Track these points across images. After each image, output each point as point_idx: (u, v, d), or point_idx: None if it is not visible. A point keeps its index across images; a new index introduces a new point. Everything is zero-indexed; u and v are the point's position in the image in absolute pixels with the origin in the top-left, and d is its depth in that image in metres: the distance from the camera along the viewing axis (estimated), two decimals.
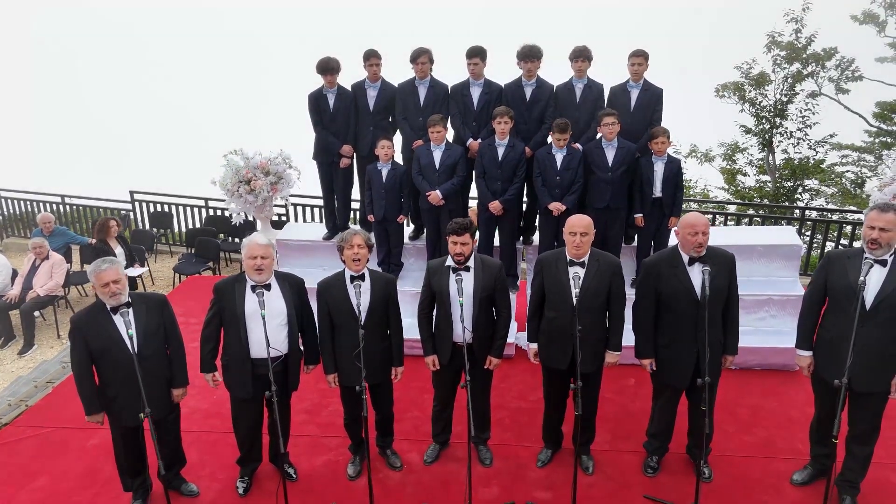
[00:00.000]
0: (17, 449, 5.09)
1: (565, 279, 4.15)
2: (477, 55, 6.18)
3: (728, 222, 9.72)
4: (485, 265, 4.33)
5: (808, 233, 9.94)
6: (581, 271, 4.15)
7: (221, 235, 10.07)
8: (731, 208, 12.58)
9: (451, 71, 6.51)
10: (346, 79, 6.53)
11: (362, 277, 4.20)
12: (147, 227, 11.39)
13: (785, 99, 14.86)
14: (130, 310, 3.73)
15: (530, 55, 6.04)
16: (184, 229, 11.22)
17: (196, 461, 4.79)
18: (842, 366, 3.59)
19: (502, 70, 6.41)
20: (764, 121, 15.02)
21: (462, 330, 4.09)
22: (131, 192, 11.57)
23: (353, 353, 4.01)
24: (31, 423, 5.43)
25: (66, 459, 4.93)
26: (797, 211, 11.40)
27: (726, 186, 15.87)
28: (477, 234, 6.47)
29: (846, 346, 3.61)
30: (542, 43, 6.16)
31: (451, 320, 4.30)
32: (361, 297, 4.09)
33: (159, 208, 11.42)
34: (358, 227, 4.23)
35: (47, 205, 12.04)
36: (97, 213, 11.92)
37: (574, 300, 4.02)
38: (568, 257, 4.20)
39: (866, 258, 3.70)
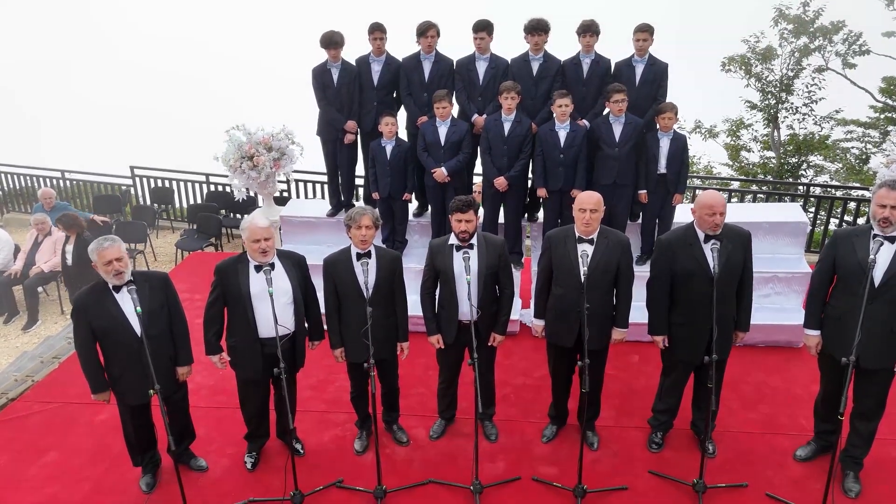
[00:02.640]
0: (26, 424, 5.13)
1: (574, 256, 4.13)
2: (483, 29, 6.09)
3: (732, 199, 9.68)
4: (488, 243, 4.31)
5: (812, 209, 9.91)
6: (590, 248, 4.13)
7: (223, 211, 10.05)
8: (735, 185, 12.53)
9: (457, 46, 6.42)
10: (351, 53, 6.45)
11: (369, 255, 4.20)
12: (148, 202, 11.36)
13: (791, 74, 14.71)
14: (135, 287, 3.71)
15: (537, 28, 5.96)
16: (185, 205, 11.19)
17: (204, 437, 4.82)
18: (849, 343, 3.59)
19: (509, 45, 6.33)
20: (770, 96, 14.88)
21: (469, 308, 4.09)
22: (132, 168, 11.50)
23: (361, 331, 4.02)
24: (39, 398, 5.46)
25: (75, 435, 4.97)
26: (801, 187, 11.35)
27: (730, 162, 15.78)
28: (481, 210, 6.46)
29: (854, 323, 3.60)
30: (549, 16, 6.07)
31: (455, 299, 4.29)
32: (369, 275, 4.09)
33: (160, 184, 11.37)
34: (366, 206, 4.20)
35: (47, 180, 11.98)
36: (98, 189, 11.88)
37: (582, 277, 4.01)
38: (577, 234, 4.18)
39: (876, 236, 3.68)
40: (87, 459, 4.69)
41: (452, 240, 4.30)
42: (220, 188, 10.43)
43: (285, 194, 10.78)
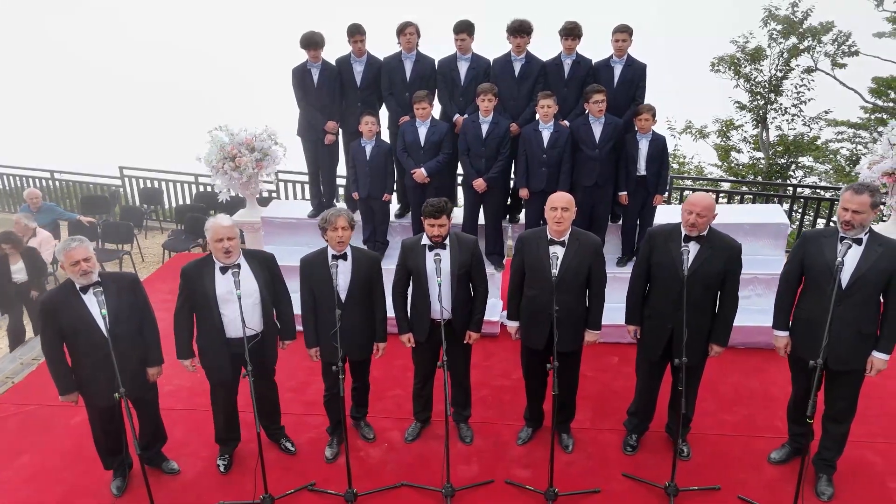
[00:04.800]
0: (2, 427, 5.09)
1: (545, 257, 4.12)
2: (464, 30, 6.08)
3: (720, 199, 9.68)
4: (460, 242, 4.30)
5: (800, 210, 9.92)
6: (561, 250, 4.12)
7: (212, 212, 10.03)
8: (725, 185, 12.51)
9: (439, 46, 6.41)
10: (332, 53, 6.44)
11: (344, 257, 4.18)
12: (137, 203, 11.33)
13: (780, 74, 14.71)
14: (102, 289, 3.69)
15: (520, 30, 5.94)
16: (174, 205, 11.17)
17: (179, 439, 4.81)
18: (819, 345, 3.59)
19: (492, 45, 6.32)
20: (758, 97, 14.88)
21: (440, 308, 4.08)
22: (121, 168, 11.50)
23: (330, 333, 4.00)
24: (15, 400, 5.43)
25: (50, 437, 4.94)
26: (790, 189, 11.35)
27: (719, 163, 15.78)
28: (461, 211, 6.44)
29: (823, 325, 3.60)
30: (533, 17, 6.05)
31: (428, 298, 4.29)
32: (339, 277, 4.08)
33: (149, 184, 11.36)
34: (342, 206, 4.20)
35: (36, 180, 11.97)
36: (87, 189, 11.86)
37: (553, 279, 4.00)
38: (549, 235, 4.17)
39: (844, 238, 3.68)
40: (63, 462, 4.66)
41: (425, 240, 4.29)
42: (208, 189, 10.41)
43: (274, 195, 10.78)
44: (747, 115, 15.34)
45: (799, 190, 10.91)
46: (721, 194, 9.95)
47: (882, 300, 3.79)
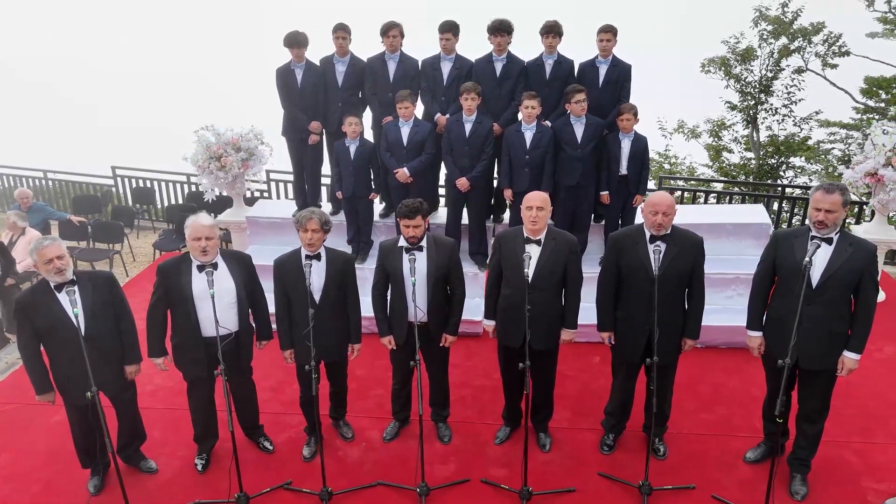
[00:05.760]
0: None
1: (521, 256, 4.13)
2: (449, 30, 6.10)
3: (709, 200, 9.68)
4: (438, 244, 4.31)
5: (788, 210, 9.92)
6: (537, 249, 4.14)
7: (203, 211, 10.02)
8: (718, 186, 12.53)
9: (423, 46, 6.42)
10: (315, 53, 6.44)
11: (318, 257, 4.19)
12: (130, 203, 11.34)
13: (770, 75, 14.72)
14: (76, 287, 3.70)
15: (500, 29, 5.96)
16: (167, 205, 11.18)
17: (158, 438, 4.82)
18: (789, 345, 3.60)
19: (476, 46, 6.33)
20: (749, 97, 14.89)
21: (414, 309, 4.10)
22: (113, 168, 11.50)
23: (303, 333, 4.01)
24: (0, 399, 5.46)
25: (31, 436, 4.94)
26: (779, 189, 11.34)
27: (710, 163, 15.78)
28: (444, 211, 6.45)
29: (795, 324, 3.62)
30: (520, 16, 6.08)
31: (405, 300, 4.29)
32: (313, 278, 4.10)
33: (141, 184, 11.36)
34: (315, 208, 4.21)
35: (29, 179, 11.97)
36: (79, 189, 11.87)
37: (527, 278, 4.01)
38: (525, 234, 4.18)
39: (813, 238, 3.69)
40: (41, 461, 4.67)
41: (402, 241, 4.30)
42: (200, 188, 10.39)
43: (265, 195, 10.78)
44: (738, 115, 15.34)
45: (789, 190, 10.91)
46: (711, 194, 9.95)
47: (853, 299, 3.80)
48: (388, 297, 4.46)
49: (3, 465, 4.66)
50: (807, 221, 4.58)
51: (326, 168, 6.84)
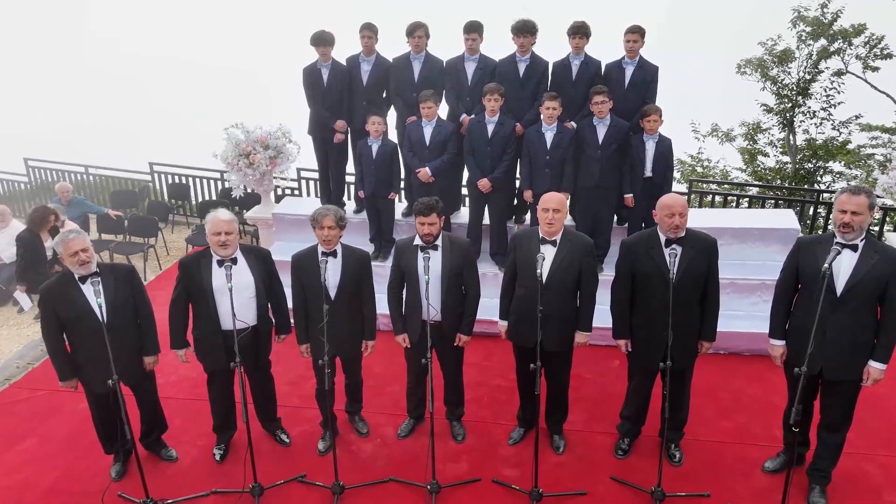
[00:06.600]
0: (14, 410, 5.29)
1: (535, 256, 4.12)
2: (474, 30, 6.11)
3: (741, 203, 9.49)
4: (453, 243, 4.32)
5: (824, 215, 9.67)
6: (552, 250, 4.12)
7: (236, 208, 10.21)
8: (753, 190, 12.25)
9: (448, 46, 6.44)
10: (341, 53, 6.51)
11: (334, 254, 4.25)
12: (165, 198, 11.63)
13: (808, 77, 14.33)
14: (100, 279, 3.82)
15: (524, 30, 5.95)
16: (200, 200, 11.43)
17: (179, 427, 4.94)
18: (814, 353, 3.52)
19: (501, 46, 6.33)
20: (786, 99, 14.52)
21: (427, 307, 4.12)
22: (150, 164, 11.79)
23: (317, 328, 4.07)
24: (29, 385, 5.64)
25: (56, 422, 5.10)
26: (813, 194, 11.05)
27: (744, 167, 15.42)
28: (466, 211, 6.46)
29: (819, 333, 3.53)
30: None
31: (419, 298, 4.31)
32: (329, 274, 4.15)
33: (177, 180, 11.63)
34: (330, 206, 4.28)
35: (72, 174, 12.35)
36: (118, 184, 12.20)
37: (542, 279, 4.00)
38: (541, 235, 4.17)
39: (835, 244, 3.59)
40: (63, 446, 4.82)
41: (418, 240, 4.33)
42: (228, 184, 10.59)
43: (296, 192, 10.95)
44: (774, 118, 14.97)
45: (826, 195, 10.63)
46: (744, 198, 9.75)
47: (879, 308, 3.70)
48: (404, 296, 4.49)
49: (26, 449, 4.81)
50: (829, 227, 4.46)
51: (351, 167, 6.92)
